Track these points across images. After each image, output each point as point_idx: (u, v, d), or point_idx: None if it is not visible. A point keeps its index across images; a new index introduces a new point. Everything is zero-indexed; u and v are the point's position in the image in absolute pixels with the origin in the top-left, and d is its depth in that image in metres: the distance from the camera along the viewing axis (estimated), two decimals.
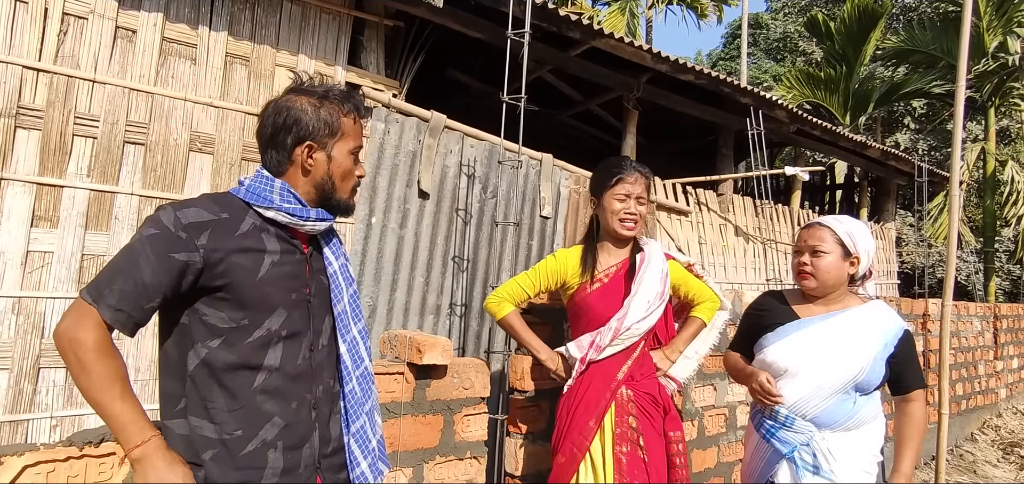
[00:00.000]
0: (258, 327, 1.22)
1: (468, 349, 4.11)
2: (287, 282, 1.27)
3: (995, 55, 10.64)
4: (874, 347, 1.86)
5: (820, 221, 1.98)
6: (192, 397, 1.21)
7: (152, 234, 1.15)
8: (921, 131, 16.76)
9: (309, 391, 1.29)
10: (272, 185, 1.28)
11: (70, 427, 2.79)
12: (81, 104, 2.99)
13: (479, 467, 2.26)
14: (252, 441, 1.21)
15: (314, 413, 1.29)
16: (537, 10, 4.12)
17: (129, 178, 3.11)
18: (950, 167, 4.58)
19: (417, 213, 3.98)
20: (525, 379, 2.52)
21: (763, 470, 1.94)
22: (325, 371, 1.34)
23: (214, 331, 1.21)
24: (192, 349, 1.21)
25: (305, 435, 1.27)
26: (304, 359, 1.28)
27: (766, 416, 1.95)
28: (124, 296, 1.11)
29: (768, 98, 6.41)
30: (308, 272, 1.33)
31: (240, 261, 1.21)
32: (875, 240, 9.08)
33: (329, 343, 1.36)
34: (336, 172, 1.32)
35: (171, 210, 1.19)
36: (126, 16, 3.13)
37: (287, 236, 1.30)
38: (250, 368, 1.22)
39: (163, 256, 1.14)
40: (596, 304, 2.06)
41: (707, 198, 6.42)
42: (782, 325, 1.97)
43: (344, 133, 1.32)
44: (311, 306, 1.32)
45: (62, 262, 2.89)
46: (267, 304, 1.24)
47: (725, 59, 26.01)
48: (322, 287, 1.36)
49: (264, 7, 3.56)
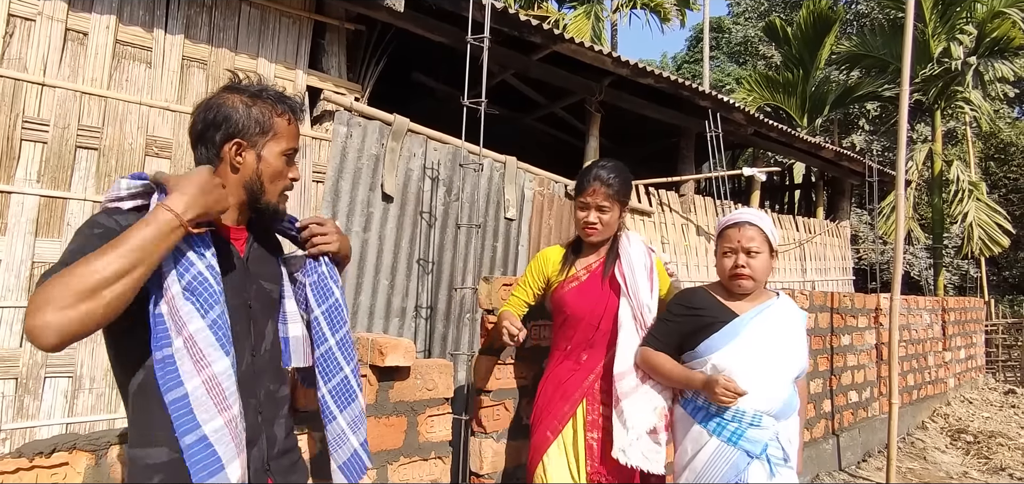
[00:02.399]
0: None
1: (434, 351, 4.13)
2: (226, 289, 1.21)
3: (940, 60, 11.17)
4: (802, 335, 1.99)
5: (747, 219, 1.96)
6: (134, 425, 1.16)
7: (98, 231, 1.09)
8: (875, 132, 17.46)
9: (253, 395, 1.28)
10: None
11: (21, 439, 2.70)
12: (29, 107, 2.90)
13: (444, 467, 2.27)
14: None
15: (260, 416, 1.29)
16: (498, 15, 4.17)
17: (82, 183, 3.03)
18: (897, 167, 4.81)
19: (381, 216, 3.97)
20: (489, 379, 2.55)
21: (727, 474, 1.83)
22: (266, 375, 1.33)
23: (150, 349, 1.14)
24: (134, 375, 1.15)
25: (253, 439, 1.26)
26: (247, 365, 1.27)
27: (727, 418, 1.85)
28: None
29: (726, 101, 6.60)
30: (247, 277, 1.30)
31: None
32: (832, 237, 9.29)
33: (272, 348, 1.35)
34: (265, 173, 1.28)
35: (108, 214, 1.13)
36: (77, 18, 3.05)
37: (223, 241, 1.26)
38: None
39: None
40: (572, 300, 2.12)
41: (669, 199, 6.57)
42: (725, 324, 1.91)
43: (276, 133, 1.29)
44: (252, 311, 1.30)
45: (11, 270, 2.80)
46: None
47: (689, 62, 26.58)
48: (263, 292, 1.33)
49: (222, 10, 3.51)
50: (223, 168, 1.26)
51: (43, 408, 2.81)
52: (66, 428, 2.81)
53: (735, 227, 1.95)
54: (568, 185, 5.32)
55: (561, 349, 2.17)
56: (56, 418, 2.83)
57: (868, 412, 5.61)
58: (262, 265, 1.36)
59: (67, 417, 2.87)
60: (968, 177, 11.81)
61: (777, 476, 1.83)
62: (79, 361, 2.93)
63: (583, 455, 2.06)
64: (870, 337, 5.70)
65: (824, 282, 8.92)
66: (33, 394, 2.80)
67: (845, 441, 5.11)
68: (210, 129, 1.25)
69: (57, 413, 2.83)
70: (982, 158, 17.27)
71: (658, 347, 2.00)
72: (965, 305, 8.05)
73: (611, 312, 2.12)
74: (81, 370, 2.93)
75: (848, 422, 5.25)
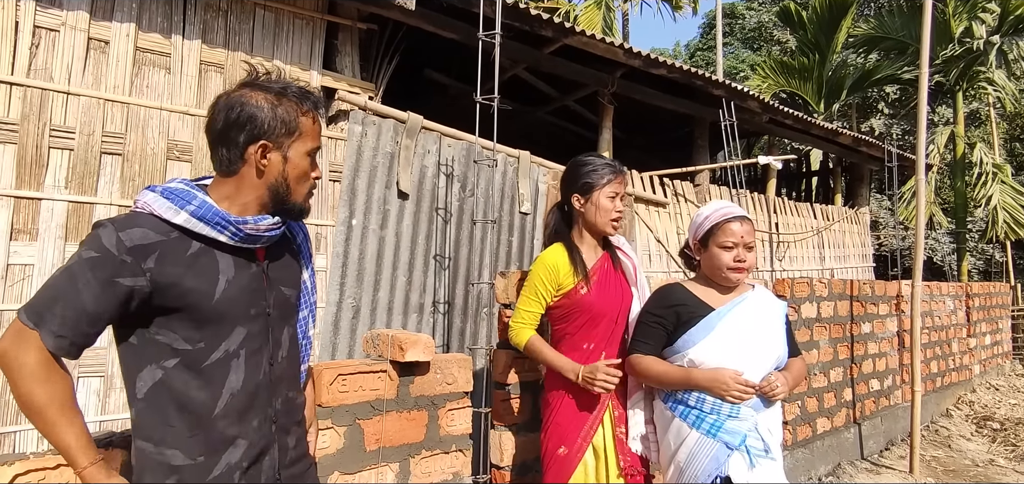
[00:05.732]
0: (215, 349, 1.17)
1: (452, 345, 4.17)
2: (245, 298, 1.21)
3: (961, 40, 10.92)
4: (781, 325, 1.99)
5: (745, 214, 1.99)
6: (144, 420, 1.15)
7: (92, 258, 1.07)
8: (895, 116, 17.12)
9: (269, 405, 1.26)
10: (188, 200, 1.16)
11: None
12: (56, 116, 2.99)
13: (465, 460, 2.31)
14: (217, 466, 1.17)
15: (274, 426, 1.27)
16: (509, 10, 4.18)
17: (107, 188, 3.11)
18: (916, 151, 4.73)
19: (397, 213, 4.02)
20: (508, 373, 2.58)
21: (708, 468, 1.82)
22: (284, 383, 1.31)
23: (168, 352, 1.15)
24: (145, 369, 1.15)
25: (265, 448, 1.25)
26: (264, 374, 1.25)
27: (705, 411, 1.85)
28: (65, 322, 1.06)
29: (740, 90, 6.53)
30: (266, 283, 1.27)
31: (193, 284, 1.14)
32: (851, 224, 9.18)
33: (289, 353, 1.32)
34: (292, 174, 1.24)
35: (112, 230, 1.09)
36: (98, 27, 3.13)
37: (244, 247, 1.22)
38: (211, 393, 1.17)
39: (107, 283, 1.07)
40: (596, 302, 2.07)
41: (684, 189, 6.53)
42: (703, 317, 1.92)
43: (302, 133, 1.24)
44: (271, 319, 1.27)
45: (43, 274, 2.89)
46: (224, 325, 1.18)
47: (702, 49, 26.29)
48: (282, 298, 1.30)
49: (237, 14, 3.57)
50: (247, 170, 1.21)
51: None
52: (99, 426, 2.90)
53: (738, 221, 1.95)
54: None
55: (580, 350, 2.08)
56: (90, 416, 2.92)
57: (891, 400, 5.54)
58: (282, 270, 1.32)
59: (100, 415, 2.96)
60: (992, 159, 11.56)
61: (757, 468, 1.80)
62: (110, 361, 3.02)
63: (614, 451, 2.04)
64: (892, 324, 5.63)
65: (843, 269, 8.81)
66: None
67: (867, 429, 5.06)
68: (232, 129, 1.19)
69: (90, 411, 2.92)
70: (1007, 139, 16.86)
71: (647, 351, 1.98)
72: (990, 290, 7.90)
73: (626, 305, 2.13)
74: (111, 369, 3.02)
75: (870, 410, 5.20)
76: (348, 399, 1.96)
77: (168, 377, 1.14)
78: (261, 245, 1.26)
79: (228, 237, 1.18)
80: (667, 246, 6.15)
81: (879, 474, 4.62)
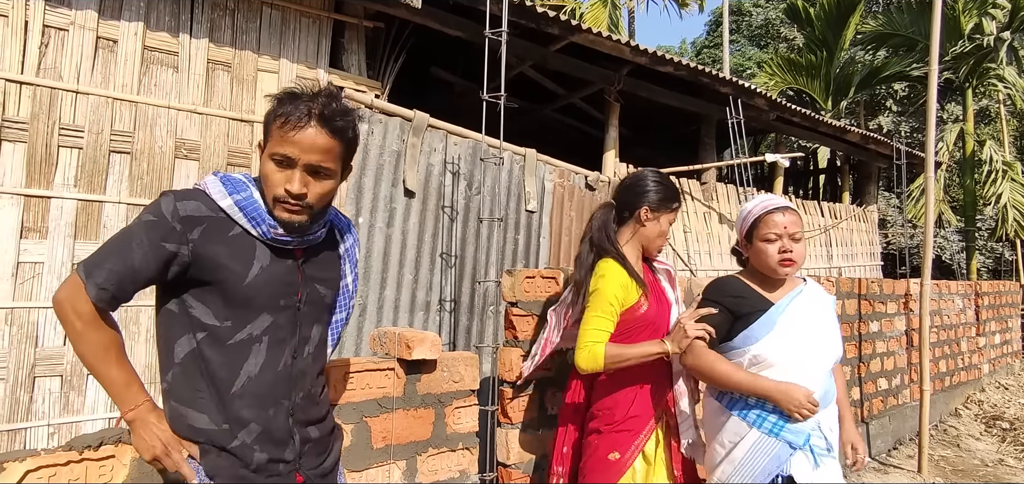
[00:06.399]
0: (240, 330, 1.23)
1: (459, 343, 4.17)
2: (275, 288, 1.26)
3: (971, 36, 10.82)
4: (835, 319, 1.95)
5: (788, 204, 1.93)
6: (179, 383, 1.24)
7: (149, 221, 1.18)
8: (903, 113, 17.00)
9: (287, 397, 1.29)
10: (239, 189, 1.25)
11: (67, 433, 2.82)
12: (65, 115, 3.01)
13: (471, 458, 2.31)
14: (236, 437, 1.24)
15: (292, 418, 1.30)
16: (515, 8, 4.17)
17: (116, 187, 3.13)
18: (926, 149, 4.69)
19: (404, 212, 4.02)
20: (514, 371, 2.58)
21: (768, 466, 1.77)
22: (308, 378, 1.33)
23: (198, 325, 1.23)
24: (182, 338, 1.23)
25: (283, 440, 1.28)
26: (285, 366, 1.28)
27: (768, 411, 1.78)
28: (111, 275, 1.16)
29: (748, 87, 6.50)
30: (300, 279, 1.31)
31: (228, 263, 1.21)
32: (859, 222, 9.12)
33: (316, 350, 1.36)
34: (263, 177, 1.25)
35: (172, 199, 1.20)
36: (106, 26, 3.14)
37: (280, 243, 1.27)
38: (230, 371, 1.23)
39: (155, 243, 1.17)
40: (654, 315, 2.04)
41: (691, 187, 6.51)
42: (763, 312, 1.86)
43: (270, 138, 1.22)
44: (300, 314, 1.31)
45: (53, 272, 2.91)
46: (251, 309, 1.24)
47: (709, 47, 26.17)
48: (316, 295, 1.34)
49: (244, 13, 3.58)
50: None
51: (87, 403, 2.93)
52: (109, 423, 2.92)
53: (780, 211, 1.89)
54: (588, 176, 5.31)
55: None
56: (99, 413, 2.94)
57: (899, 399, 5.50)
58: (320, 269, 1.37)
59: (109, 412, 2.98)
60: (1002, 157, 11.44)
61: (821, 466, 1.75)
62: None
63: (665, 458, 2.02)
64: (900, 323, 5.59)
65: (851, 268, 8.76)
66: (77, 390, 2.92)
67: (875, 429, 5.03)
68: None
69: (100, 408, 2.94)
70: (1016, 137, 16.70)
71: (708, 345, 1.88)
72: (999, 289, 7.83)
73: (670, 315, 2.11)
74: None
75: (878, 410, 5.17)
76: (355, 397, 1.96)
77: (200, 348, 1.23)
78: (295, 245, 1.30)
79: (260, 233, 1.25)
80: (673, 244, 6.13)
81: (887, 474, 4.59)
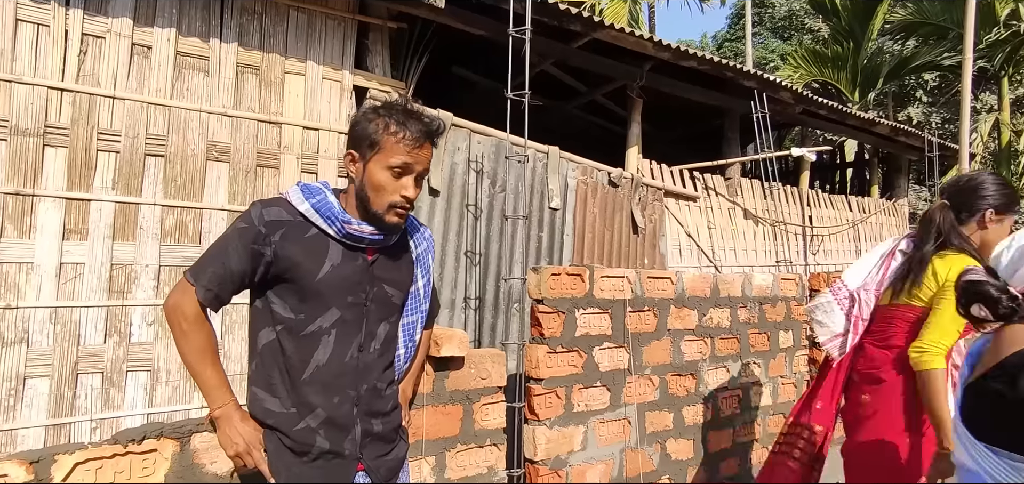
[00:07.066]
0: (312, 322, 1.36)
1: (484, 341, 4.20)
2: (345, 285, 1.38)
3: (1007, 23, 10.49)
4: None
5: None
6: (259, 371, 1.39)
7: (242, 228, 1.34)
8: (934, 104, 16.54)
9: (354, 387, 1.40)
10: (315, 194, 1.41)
11: (108, 428, 2.92)
12: (103, 120, 3.11)
13: (499, 453, 2.34)
14: (302, 421, 1.36)
15: (356, 408, 1.40)
16: (537, 6, 4.17)
17: (151, 189, 3.22)
18: (959, 140, 4.58)
19: (428, 210, 4.06)
20: (540, 368, 2.59)
21: None
22: (373, 372, 1.44)
23: (278, 319, 1.37)
24: (263, 330, 1.39)
25: (347, 427, 1.38)
26: (351, 358, 1.40)
27: None
28: (214, 277, 1.32)
29: (772, 81, 6.40)
30: (370, 279, 1.42)
31: (303, 261, 1.35)
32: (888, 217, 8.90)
33: (383, 347, 1.47)
34: (369, 184, 1.37)
35: (259, 207, 1.36)
36: (141, 33, 3.23)
37: (352, 243, 1.40)
38: (301, 359, 1.36)
39: (247, 247, 1.32)
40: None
41: (715, 182, 6.44)
42: None
43: (382, 149, 1.35)
44: (367, 311, 1.42)
45: (93, 272, 3.01)
46: (321, 303, 1.36)
47: (731, 40, 25.79)
48: (383, 295, 1.45)
49: (271, 17, 3.65)
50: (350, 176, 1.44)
51: (126, 399, 3.03)
52: (147, 418, 3.02)
53: None
54: (611, 173, 5.30)
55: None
56: (138, 409, 3.04)
57: None
58: (390, 271, 1.47)
59: (147, 408, 3.08)
60: None
61: None
62: (156, 356, 3.14)
63: None
64: None
65: None
66: (117, 386, 3.02)
67: None
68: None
69: (139, 404, 3.04)
70: None
71: None
72: None
73: None
74: (158, 364, 3.13)
75: None
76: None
77: (278, 339, 1.37)
78: (367, 246, 1.42)
79: (334, 232, 1.38)
80: (698, 240, 6.08)
81: None
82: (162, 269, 3.20)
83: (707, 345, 3.32)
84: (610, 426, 2.82)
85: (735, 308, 3.51)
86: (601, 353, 2.80)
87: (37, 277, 2.88)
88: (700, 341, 3.27)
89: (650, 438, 3.00)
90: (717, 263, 6.15)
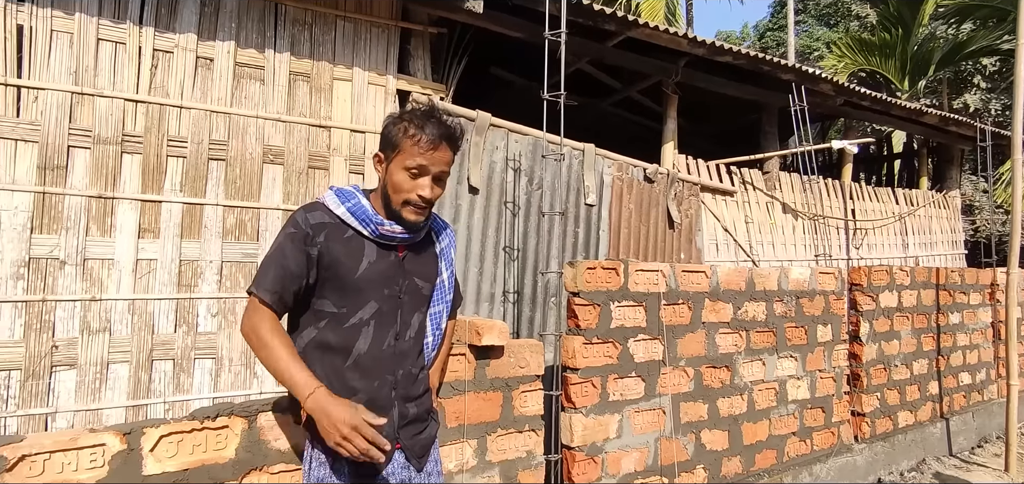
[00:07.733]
0: (353, 316, 1.50)
1: (522, 333, 4.34)
2: (381, 279, 1.52)
3: None
4: None
5: None
6: (307, 360, 1.50)
7: (292, 232, 1.47)
8: (994, 90, 15.72)
9: (391, 372, 1.53)
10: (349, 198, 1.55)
11: (179, 410, 3.19)
12: (172, 128, 3.38)
13: (537, 439, 2.46)
14: None
15: (394, 392, 1.54)
16: (573, 7, 4.26)
17: (214, 191, 3.48)
18: (1013, 128, 4.42)
19: (468, 208, 4.22)
20: (577, 358, 2.70)
21: None
22: (408, 359, 1.58)
23: (321, 316, 1.50)
24: (307, 329, 1.53)
25: (386, 408, 1.51)
26: (389, 345, 1.54)
27: None
28: (276, 280, 1.44)
29: (812, 73, 6.28)
30: (402, 273, 1.57)
31: (345, 260, 1.49)
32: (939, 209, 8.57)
33: (416, 335, 1.60)
34: (390, 185, 1.50)
35: (303, 213, 1.50)
36: (204, 46, 3.49)
37: (385, 241, 1.54)
38: (344, 349, 1.50)
39: (300, 248, 1.46)
40: None
41: (753, 177, 6.38)
42: None
43: (401, 151, 1.47)
44: (401, 302, 1.56)
45: (164, 268, 3.29)
46: (361, 297, 1.50)
47: (773, 29, 25.09)
48: (414, 287, 1.59)
49: (320, 26, 3.86)
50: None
51: (194, 384, 3.30)
52: (213, 401, 3.28)
53: None
54: (647, 169, 5.34)
55: None
56: (205, 392, 3.31)
57: (983, 395, 5.22)
58: (419, 265, 1.62)
59: (213, 392, 3.34)
60: None
61: None
62: (220, 345, 3.40)
63: None
64: (985, 315, 5.30)
65: (929, 257, 8.28)
66: (186, 372, 3.29)
67: (956, 425, 4.81)
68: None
69: (205, 389, 3.31)
70: None
71: None
72: None
73: None
74: (222, 352, 3.40)
75: (959, 405, 4.94)
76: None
77: (321, 334, 1.51)
78: (398, 244, 1.56)
79: (369, 233, 1.52)
80: (735, 235, 6.05)
81: (969, 471, 4.40)
82: (224, 265, 3.46)
83: (742, 338, 3.36)
84: (645, 415, 2.91)
85: (771, 301, 3.53)
86: (636, 344, 2.89)
87: (117, 272, 3.17)
88: (735, 334, 3.32)
89: (685, 428, 3.07)
90: (755, 257, 6.10)
